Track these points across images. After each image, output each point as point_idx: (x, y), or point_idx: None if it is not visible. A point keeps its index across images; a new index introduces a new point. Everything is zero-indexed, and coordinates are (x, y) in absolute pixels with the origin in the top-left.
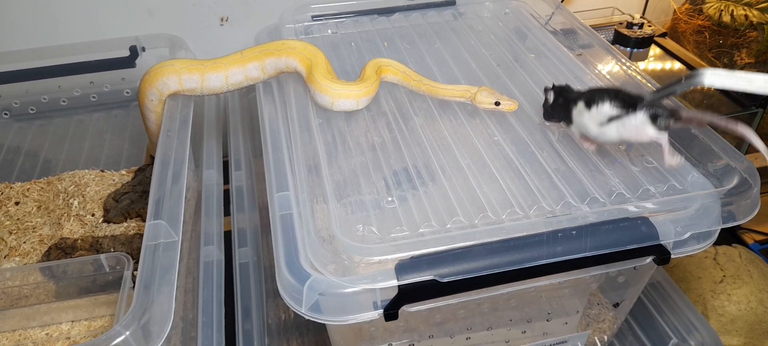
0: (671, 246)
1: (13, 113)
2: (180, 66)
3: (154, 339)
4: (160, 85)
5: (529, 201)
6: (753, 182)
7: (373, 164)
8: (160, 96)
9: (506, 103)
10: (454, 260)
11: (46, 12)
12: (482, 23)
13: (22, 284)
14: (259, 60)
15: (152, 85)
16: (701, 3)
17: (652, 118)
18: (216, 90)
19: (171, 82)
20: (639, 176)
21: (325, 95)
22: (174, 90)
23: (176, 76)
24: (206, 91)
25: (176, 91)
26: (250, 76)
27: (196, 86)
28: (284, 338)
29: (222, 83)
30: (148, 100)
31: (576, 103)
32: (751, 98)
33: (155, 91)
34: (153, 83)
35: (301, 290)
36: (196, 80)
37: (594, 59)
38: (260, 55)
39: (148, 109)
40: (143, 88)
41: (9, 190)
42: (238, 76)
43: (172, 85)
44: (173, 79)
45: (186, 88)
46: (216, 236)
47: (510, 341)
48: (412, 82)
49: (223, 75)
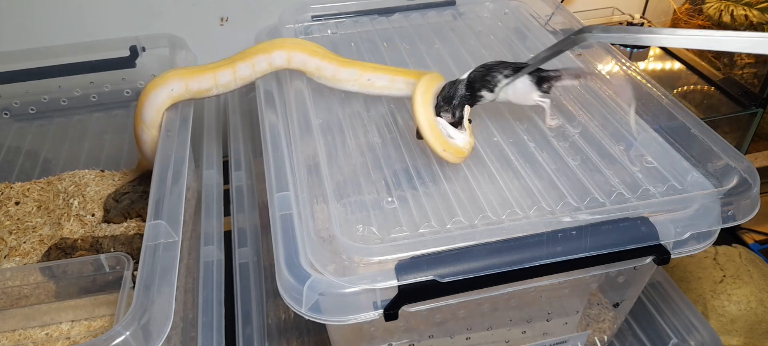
0: (671, 246)
1: (13, 113)
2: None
3: (154, 339)
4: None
5: (529, 201)
6: (753, 181)
7: (373, 164)
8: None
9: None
10: (454, 261)
11: (47, 12)
12: (482, 23)
13: (22, 284)
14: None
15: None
16: (701, 3)
17: (537, 82)
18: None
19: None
20: (639, 176)
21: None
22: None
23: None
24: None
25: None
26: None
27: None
28: (284, 339)
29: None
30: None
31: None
32: (751, 98)
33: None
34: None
35: (301, 290)
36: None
37: (594, 59)
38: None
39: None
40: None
41: (9, 190)
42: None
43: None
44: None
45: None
46: (216, 236)
47: (510, 341)
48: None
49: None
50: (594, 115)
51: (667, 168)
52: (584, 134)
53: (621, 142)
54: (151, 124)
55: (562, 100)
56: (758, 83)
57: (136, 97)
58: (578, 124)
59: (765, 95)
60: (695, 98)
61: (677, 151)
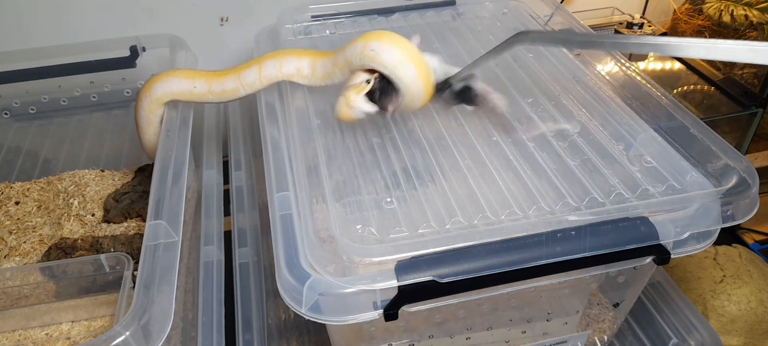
0: (671, 246)
1: (13, 113)
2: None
3: (154, 339)
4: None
5: (529, 201)
6: (752, 181)
7: (372, 164)
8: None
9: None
10: (453, 261)
11: (46, 12)
12: (481, 23)
13: (22, 284)
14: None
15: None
16: (701, 3)
17: (460, 93)
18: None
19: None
20: (638, 176)
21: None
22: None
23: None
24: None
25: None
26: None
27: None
28: (284, 339)
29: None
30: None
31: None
32: (751, 98)
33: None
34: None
35: (301, 290)
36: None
37: (593, 59)
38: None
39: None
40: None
41: (9, 190)
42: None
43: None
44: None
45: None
46: (216, 236)
47: (510, 341)
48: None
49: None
50: (593, 115)
51: (667, 168)
52: (584, 134)
53: (620, 142)
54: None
55: (562, 100)
56: (758, 83)
57: (136, 98)
58: (578, 124)
59: (765, 95)
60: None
61: (677, 151)
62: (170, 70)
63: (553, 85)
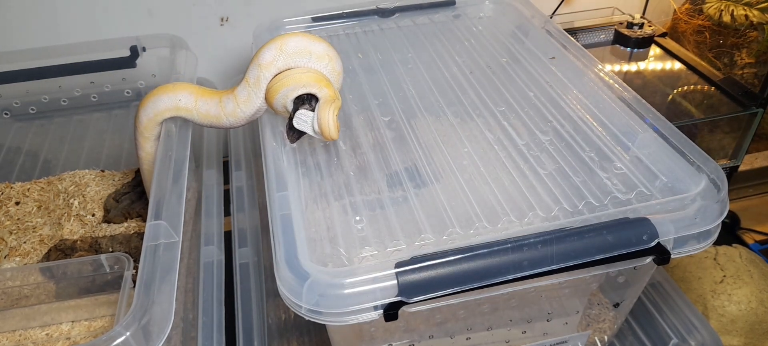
0: (671, 246)
1: (14, 113)
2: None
3: (154, 340)
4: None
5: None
6: (721, 185)
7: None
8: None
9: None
10: (454, 261)
11: (47, 12)
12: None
13: (23, 284)
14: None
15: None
16: (701, 3)
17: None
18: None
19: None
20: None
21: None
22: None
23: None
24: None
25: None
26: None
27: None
28: (284, 338)
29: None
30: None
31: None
32: (751, 98)
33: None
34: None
35: (301, 290)
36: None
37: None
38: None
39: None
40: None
41: (9, 190)
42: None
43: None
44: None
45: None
46: (216, 236)
47: (510, 341)
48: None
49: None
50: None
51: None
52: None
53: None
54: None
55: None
56: (758, 83)
57: (136, 98)
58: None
59: (765, 95)
60: (695, 98)
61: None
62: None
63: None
